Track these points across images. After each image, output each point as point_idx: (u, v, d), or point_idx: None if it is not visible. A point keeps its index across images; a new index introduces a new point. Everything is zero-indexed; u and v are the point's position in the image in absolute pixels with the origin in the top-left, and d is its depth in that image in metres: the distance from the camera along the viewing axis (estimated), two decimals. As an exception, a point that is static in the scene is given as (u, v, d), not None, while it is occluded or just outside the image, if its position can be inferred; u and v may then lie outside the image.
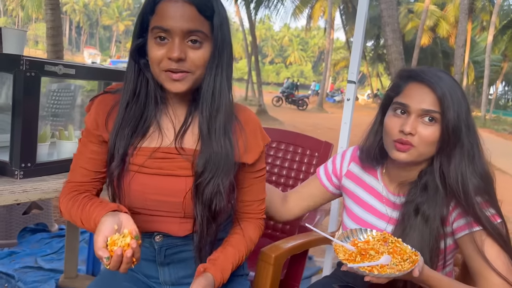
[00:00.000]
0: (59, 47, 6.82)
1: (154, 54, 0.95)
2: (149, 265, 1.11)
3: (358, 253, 0.97)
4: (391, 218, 1.17)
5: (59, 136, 1.52)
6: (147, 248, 1.09)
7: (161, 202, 1.03)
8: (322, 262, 2.90)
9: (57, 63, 1.33)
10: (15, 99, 1.24)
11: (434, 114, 1.05)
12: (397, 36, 5.87)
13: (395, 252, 0.96)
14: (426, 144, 1.07)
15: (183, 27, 0.92)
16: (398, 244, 0.98)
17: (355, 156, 1.30)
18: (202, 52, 0.95)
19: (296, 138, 2.10)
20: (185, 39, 0.94)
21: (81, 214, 0.99)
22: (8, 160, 1.28)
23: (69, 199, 1.05)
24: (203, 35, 0.95)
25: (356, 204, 1.25)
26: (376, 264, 0.92)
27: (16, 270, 2.34)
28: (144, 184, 1.02)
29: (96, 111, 1.06)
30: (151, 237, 1.08)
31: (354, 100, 1.87)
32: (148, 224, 1.06)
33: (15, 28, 1.61)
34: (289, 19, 38.35)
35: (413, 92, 1.08)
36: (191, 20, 0.93)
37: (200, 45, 0.95)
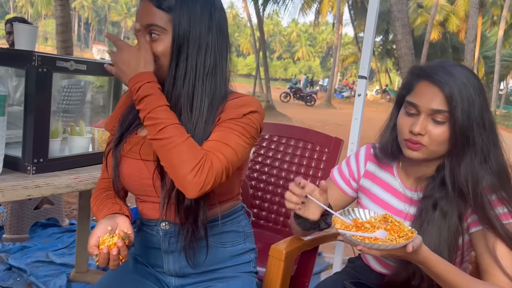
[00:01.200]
0: (69, 43, 6.86)
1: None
2: (155, 254, 1.14)
3: (354, 225, 0.96)
4: (408, 214, 1.16)
5: (71, 132, 1.52)
6: (154, 236, 1.12)
7: (151, 186, 1.05)
8: (331, 258, 2.90)
9: (68, 59, 1.34)
10: (27, 94, 1.25)
11: (443, 113, 1.04)
12: (407, 31, 5.81)
13: (392, 230, 0.94)
14: (437, 143, 1.06)
15: (143, 22, 1.02)
16: (397, 223, 0.97)
17: (369, 155, 1.28)
18: (157, 43, 1.01)
19: (305, 133, 2.09)
20: (147, 34, 1.02)
21: (96, 213, 1.09)
22: (20, 156, 1.29)
23: (95, 196, 1.14)
24: (159, 28, 1.01)
25: (373, 202, 1.23)
26: (369, 236, 0.91)
27: (28, 264, 2.36)
28: (132, 167, 1.07)
29: (116, 110, 1.18)
30: (157, 224, 1.10)
31: (365, 96, 1.85)
32: (152, 211, 1.10)
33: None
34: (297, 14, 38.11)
35: (423, 91, 1.07)
36: (149, 16, 1.01)
37: (157, 37, 1.02)
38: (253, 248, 1.22)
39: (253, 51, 24.65)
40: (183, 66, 1.01)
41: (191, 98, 1.01)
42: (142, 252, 1.18)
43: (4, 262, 2.38)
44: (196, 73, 1.01)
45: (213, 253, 1.12)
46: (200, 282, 1.13)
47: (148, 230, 1.13)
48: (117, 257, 0.93)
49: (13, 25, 3.23)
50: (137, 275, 1.15)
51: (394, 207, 1.19)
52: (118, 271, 1.14)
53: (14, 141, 1.42)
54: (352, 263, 1.38)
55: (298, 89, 21.45)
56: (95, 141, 1.57)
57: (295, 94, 21.13)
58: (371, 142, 1.30)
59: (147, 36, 1.02)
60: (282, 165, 2.04)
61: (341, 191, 1.32)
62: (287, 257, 1.32)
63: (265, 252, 1.39)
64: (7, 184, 1.16)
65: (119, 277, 1.15)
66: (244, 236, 1.19)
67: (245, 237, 1.19)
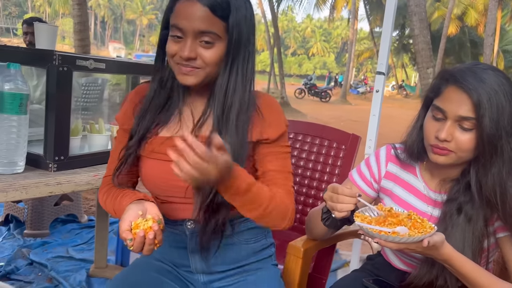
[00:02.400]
0: (86, 42, 6.94)
1: (169, 48, 1.00)
2: (181, 253, 1.13)
3: (374, 219, 0.99)
4: (432, 216, 1.14)
5: (90, 130, 1.55)
6: (179, 235, 1.11)
7: (180, 187, 1.04)
8: (347, 256, 2.89)
9: (88, 58, 1.35)
10: (49, 93, 1.27)
11: (470, 120, 1.01)
12: (424, 26, 5.72)
13: (414, 226, 0.95)
14: (464, 150, 1.04)
15: (195, 27, 0.96)
16: (419, 220, 0.97)
17: (390, 156, 1.25)
18: (213, 51, 0.98)
19: (322, 130, 2.07)
20: (197, 39, 0.98)
21: (114, 204, 1.04)
22: (42, 154, 1.31)
23: (105, 191, 1.10)
24: (215, 36, 0.97)
25: (396, 203, 1.21)
26: (387, 231, 0.92)
27: (48, 260, 2.41)
28: (158, 169, 1.05)
29: (126, 105, 1.13)
30: (183, 224, 1.10)
31: (383, 92, 1.83)
32: (177, 212, 1.09)
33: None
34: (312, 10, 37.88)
35: (451, 96, 1.04)
36: (204, 21, 0.96)
37: (212, 45, 0.98)
38: (272, 243, 1.24)
39: (267, 47, 24.61)
40: (235, 75, 1.01)
41: (239, 106, 1.02)
42: (165, 251, 1.16)
43: (26, 257, 2.43)
44: (243, 81, 1.02)
45: (238, 250, 1.13)
46: (228, 276, 1.14)
47: (171, 229, 1.11)
48: (153, 241, 0.90)
49: (29, 26, 3.29)
50: (156, 273, 1.15)
51: (417, 208, 1.17)
52: (137, 268, 1.15)
53: (35, 139, 1.44)
54: (371, 260, 1.37)
55: (313, 85, 21.34)
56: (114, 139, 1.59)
57: (310, 90, 21.03)
58: (390, 143, 1.28)
59: (196, 41, 0.98)
60: (299, 162, 2.03)
61: (362, 192, 1.29)
62: (305, 254, 1.32)
63: (282, 249, 1.39)
64: (30, 182, 1.18)
65: (137, 273, 1.14)
66: (265, 231, 1.20)
67: (266, 233, 1.20)
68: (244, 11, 1.00)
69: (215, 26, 0.97)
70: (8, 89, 1.17)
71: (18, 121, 1.20)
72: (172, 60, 1.01)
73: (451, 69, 1.11)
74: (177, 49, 0.98)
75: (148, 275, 1.13)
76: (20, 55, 1.37)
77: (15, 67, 1.20)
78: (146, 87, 1.12)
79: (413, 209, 1.17)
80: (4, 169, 1.21)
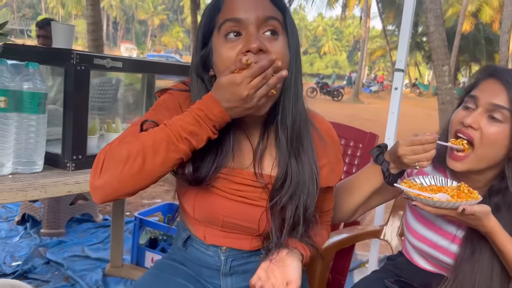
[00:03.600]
0: (99, 42, 7.00)
1: (226, 54, 0.83)
2: (212, 274, 1.05)
3: (417, 186, 1.02)
4: (459, 228, 1.11)
5: (107, 129, 1.54)
6: (212, 257, 1.03)
7: (235, 224, 0.98)
8: (364, 256, 2.85)
9: (105, 57, 1.35)
10: (67, 92, 1.27)
11: (503, 110, 0.98)
12: (440, 23, 5.63)
13: (458, 196, 0.96)
14: (488, 144, 1.00)
15: (259, 14, 0.83)
16: (466, 190, 0.98)
17: None
18: (280, 43, 0.85)
19: (338, 129, 2.03)
20: (261, 30, 0.84)
21: (157, 127, 0.82)
22: (60, 153, 1.31)
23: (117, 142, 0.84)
24: (279, 25, 0.85)
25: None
26: (427, 195, 0.95)
27: (65, 259, 2.42)
28: (216, 205, 0.95)
29: (181, 102, 0.94)
30: (218, 248, 1.02)
31: (402, 89, 1.80)
32: (217, 238, 1.01)
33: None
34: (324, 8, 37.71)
35: (487, 86, 1.03)
36: (265, 8, 0.84)
37: (277, 36, 0.85)
38: None
39: (279, 46, 24.47)
40: (299, 79, 0.90)
41: (301, 116, 0.91)
42: (195, 269, 1.08)
43: (43, 256, 2.45)
44: (300, 92, 0.91)
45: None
46: None
47: (201, 249, 1.04)
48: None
49: (40, 28, 3.30)
50: (184, 280, 1.07)
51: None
52: (162, 271, 1.09)
53: (53, 138, 1.45)
54: (392, 261, 1.34)
55: (325, 84, 21.24)
56: (130, 138, 1.59)
57: (322, 89, 20.94)
58: None
59: (259, 33, 0.83)
60: (315, 161, 2.00)
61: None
62: (325, 255, 1.30)
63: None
64: (48, 181, 1.18)
65: (162, 277, 1.08)
66: None
67: None
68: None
69: (277, 14, 0.86)
70: (27, 88, 1.17)
71: (37, 120, 1.20)
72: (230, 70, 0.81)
73: (494, 66, 1.09)
74: (239, 49, 0.82)
75: (173, 280, 1.06)
76: (38, 54, 1.37)
77: (34, 66, 1.19)
78: (178, 95, 0.95)
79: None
80: (23, 168, 1.21)
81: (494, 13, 22.57)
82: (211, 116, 0.80)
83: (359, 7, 25.30)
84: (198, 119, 0.79)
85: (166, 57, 22.45)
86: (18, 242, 2.64)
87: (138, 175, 0.79)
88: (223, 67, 0.84)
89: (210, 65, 0.90)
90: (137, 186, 0.82)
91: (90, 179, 0.83)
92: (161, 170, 0.81)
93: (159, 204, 2.71)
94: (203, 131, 0.80)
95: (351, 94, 21.65)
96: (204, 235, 1.01)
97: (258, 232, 0.98)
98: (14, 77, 1.16)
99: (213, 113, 0.80)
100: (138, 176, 0.80)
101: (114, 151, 0.81)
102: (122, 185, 0.81)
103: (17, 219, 2.92)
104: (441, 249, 1.13)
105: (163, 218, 2.56)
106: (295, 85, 0.89)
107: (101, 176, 0.81)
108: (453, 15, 23.95)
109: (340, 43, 68.19)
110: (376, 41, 39.06)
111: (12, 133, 1.17)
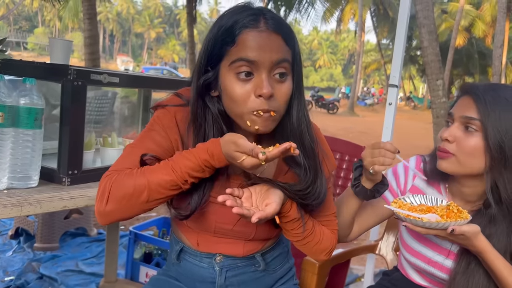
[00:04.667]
0: (96, 55, 7.03)
1: (238, 92, 0.86)
2: (206, 287, 1.05)
3: (407, 206, 1.03)
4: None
5: (103, 143, 1.54)
6: (206, 269, 1.03)
7: (227, 229, 1.00)
8: (359, 270, 2.84)
9: (102, 72, 1.36)
10: (63, 107, 1.27)
11: (474, 121, 1.04)
12: (433, 38, 5.71)
13: (448, 216, 0.98)
14: (466, 153, 1.04)
15: (272, 58, 0.85)
16: (455, 210, 0.99)
17: (419, 169, 1.23)
18: (287, 86, 0.89)
19: (334, 143, 2.06)
20: (271, 73, 0.87)
21: (152, 169, 0.87)
22: (56, 168, 1.31)
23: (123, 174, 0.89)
24: (289, 66, 0.88)
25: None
26: (417, 216, 0.96)
27: (58, 274, 2.40)
28: (208, 211, 0.97)
29: (177, 118, 0.96)
30: (212, 257, 1.03)
31: (396, 104, 1.82)
32: (210, 245, 1.02)
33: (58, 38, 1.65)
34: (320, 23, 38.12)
35: (461, 102, 1.09)
36: (279, 51, 0.86)
37: (286, 78, 0.88)
38: (293, 263, 1.21)
39: (274, 59, 24.60)
40: (302, 102, 0.96)
41: (308, 129, 0.97)
42: (189, 284, 1.08)
43: (36, 271, 2.42)
44: (306, 113, 0.97)
45: (265, 280, 1.10)
46: None
47: (195, 261, 1.04)
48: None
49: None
50: None
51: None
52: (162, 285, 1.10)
53: (47, 152, 1.44)
54: (387, 276, 1.34)
55: (320, 97, 21.34)
56: (126, 152, 1.59)
57: (317, 102, 21.04)
58: (420, 154, 1.27)
59: (270, 76, 0.87)
60: (311, 175, 2.01)
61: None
62: (320, 270, 1.30)
63: (298, 265, 1.36)
64: (44, 196, 1.18)
65: None
66: (287, 253, 1.17)
67: (287, 254, 1.18)
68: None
69: (288, 55, 0.88)
70: (24, 104, 1.17)
71: (33, 135, 1.20)
72: (246, 108, 0.86)
73: (469, 83, 1.15)
74: (249, 89, 0.85)
75: None
76: (36, 69, 1.37)
77: (31, 82, 1.20)
78: (186, 113, 0.96)
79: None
80: (18, 183, 1.20)
81: (487, 28, 22.90)
82: (216, 165, 0.86)
83: (354, 21, 25.60)
84: (203, 167, 0.86)
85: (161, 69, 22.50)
86: (11, 257, 2.61)
87: (142, 206, 0.88)
88: (234, 102, 0.88)
89: (213, 87, 0.92)
90: (140, 212, 0.90)
91: (97, 205, 0.90)
92: (163, 202, 0.90)
93: (154, 218, 2.70)
94: (206, 174, 0.88)
95: (346, 107, 21.76)
96: (197, 242, 1.03)
97: (251, 236, 1.00)
98: (11, 93, 1.17)
99: (217, 163, 0.85)
100: (142, 207, 0.89)
101: (119, 183, 0.87)
102: (127, 213, 0.89)
103: (11, 233, 2.89)
104: (436, 264, 1.14)
105: (158, 232, 2.54)
106: (300, 111, 0.95)
107: (108, 204, 0.87)
108: (446, 30, 24.27)
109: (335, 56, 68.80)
110: (371, 54, 39.43)
111: (8, 148, 1.17)
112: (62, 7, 11.93)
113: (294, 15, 17.95)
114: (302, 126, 0.95)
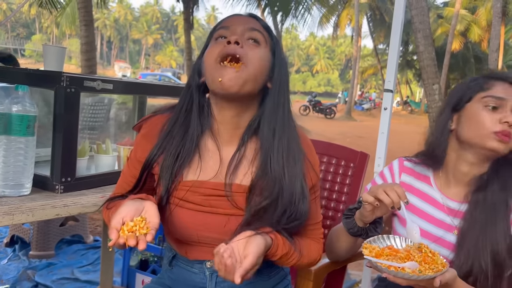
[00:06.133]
0: (93, 62, 7.03)
1: (211, 50, 0.94)
2: None
3: (382, 252, 0.96)
4: (451, 226, 1.14)
5: (97, 150, 1.53)
6: (197, 274, 1.04)
7: (210, 237, 0.99)
8: (357, 275, 2.83)
9: (95, 79, 1.35)
10: (56, 114, 1.27)
11: None
12: (429, 43, 5.74)
13: (425, 261, 0.93)
14: None
15: (245, 25, 0.95)
16: (430, 254, 0.95)
17: (403, 167, 1.27)
18: (259, 51, 0.94)
19: (329, 148, 2.05)
20: (245, 35, 0.95)
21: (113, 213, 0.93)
22: (49, 175, 1.30)
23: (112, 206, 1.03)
24: (262, 38, 0.96)
25: (413, 213, 1.21)
26: (397, 266, 0.90)
27: (54, 282, 2.38)
28: (186, 220, 0.98)
29: (144, 137, 1.04)
30: (202, 263, 1.03)
31: (391, 109, 1.82)
32: (198, 253, 1.02)
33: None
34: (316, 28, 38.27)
35: (504, 88, 1.10)
36: (251, 22, 0.97)
37: (258, 45, 0.95)
38: (288, 271, 1.20)
39: (272, 65, 24.67)
40: (283, 91, 0.98)
41: (284, 127, 0.98)
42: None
43: (31, 279, 2.40)
44: (288, 106, 1.00)
45: (259, 287, 1.09)
46: None
47: (187, 267, 1.05)
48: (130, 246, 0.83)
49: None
50: None
51: (433, 216, 1.17)
52: None
53: (40, 160, 1.44)
54: (383, 282, 1.33)
55: (317, 101, 21.38)
56: (121, 159, 1.58)
57: (315, 107, 21.07)
58: (402, 156, 1.29)
59: (243, 37, 0.94)
60: (307, 180, 2.00)
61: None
62: (316, 277, 1.29)
63: (293, 271, 1.35)
64: (36, 204, 1.17)
65: None
66: None
67: None
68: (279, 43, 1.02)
69: (261, 30, 0.97)
70: (16, 111, 1.17)
71: (26, 143, 1.20)
72: (214, 63, 0.92)
73: (489, 71, 1.20)
74: (220, 49, 0.92)
75: None
76: (28, 77, 1.37)
77: (23, 89, 1.19)
78: (161, 119, 1.03)
79: (429, 217, 1.17)
80: (10, 191, 1.19)
81: (483, 32, 23.04)
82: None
83: (351, 27, 25.72)
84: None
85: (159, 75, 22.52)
86: (6, 265, 2.59)
87: None
88: (207, 61, 0.94)
89: (203, 75, 0.98)
90: None
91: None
92: None
93: (150, 225, 2.68)
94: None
95: (343, 112, 21.79)
96: (185, 251, 1.04)
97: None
98: (3, 100, 1.16)
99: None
100: None
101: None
102: None
103: (6, 241, 2.87)
104: None
105: (154, 239, 2.53)
106: (278, 95, 0.96)
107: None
108: (442, 34, 24.40)
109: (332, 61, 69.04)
110: (368, 59, 39.57)
111: (0, 156, 1.16)
112: (60, 14, 11.93)
113: (291, 20, 17.99)
114: (282, 119, 0.97)
